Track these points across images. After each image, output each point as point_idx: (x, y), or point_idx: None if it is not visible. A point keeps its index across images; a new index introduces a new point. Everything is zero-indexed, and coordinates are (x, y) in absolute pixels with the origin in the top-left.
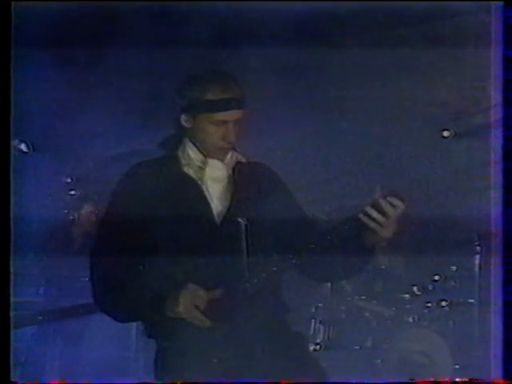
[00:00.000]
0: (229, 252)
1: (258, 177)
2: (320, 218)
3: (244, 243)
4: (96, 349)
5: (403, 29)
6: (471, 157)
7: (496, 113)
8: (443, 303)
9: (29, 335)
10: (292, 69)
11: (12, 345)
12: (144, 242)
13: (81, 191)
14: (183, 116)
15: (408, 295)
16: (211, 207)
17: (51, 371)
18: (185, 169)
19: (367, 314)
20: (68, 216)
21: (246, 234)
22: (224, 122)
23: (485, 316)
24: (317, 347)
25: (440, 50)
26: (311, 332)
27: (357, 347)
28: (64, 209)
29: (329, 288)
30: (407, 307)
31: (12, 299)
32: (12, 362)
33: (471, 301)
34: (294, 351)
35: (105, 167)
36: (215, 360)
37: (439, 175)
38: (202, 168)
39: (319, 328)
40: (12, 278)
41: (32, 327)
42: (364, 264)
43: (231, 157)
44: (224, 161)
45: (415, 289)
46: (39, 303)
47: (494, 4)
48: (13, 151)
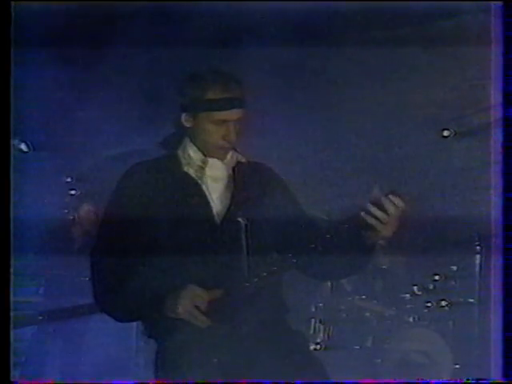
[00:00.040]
0: (229, 252)
1: (258, 176)
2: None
3: (244, 243)
4: (96, 349)
5: (403, 29)
6: (471, 157)
7: (496, 113)
8: (443, 303)
9: (29, 335)
10: (292, 69)
11: (12, 345)
12: (144, 242)
13: (81, 191)
14: (184, 115)
15: (408, 295)
16: (211, 207)
17: (51, 371)
18: (185, 168)
19: (367, 314)
20: (68, 216)
21: (246, 234)
22: (224, 122)
23: (485, 316)
24: (317, 347)
25: (440, 50)
26: (311, 331)
27: (357, 347)
28: (64, 208)
29: (329, 288)
30: (407, 307)
31: (12, 299)
32: (12, 362)
33: (471, 301)
34: (294, 351)
35: (105, 167)
36: (215, 360)
37: (439, 175)
38: (202, 167)
39: (319, 328)
40: (12, 278)
41: (32, 327)
42: (364, 263)
43: (231, 156)
44: (224, 160)
45: (415, 289)
46: (39, 303)
47: (494, 4)
48: (13, 151)
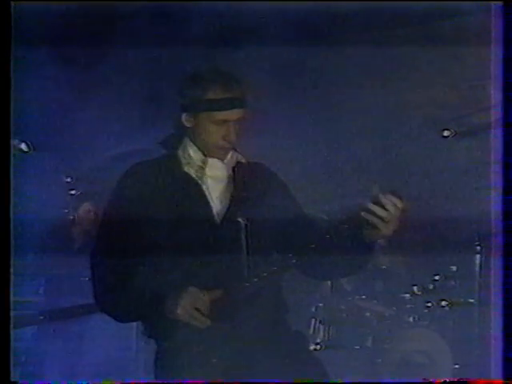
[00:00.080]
0: (228, 252)
1: (258, 177)
2: (320, 218)
3: (244, 243)
4: (96, 349)
5: (403, 29)
6: (471, 157)
7: (496, 113)
8: (443, 303)
9: (29, 335)
10: (292, 68)
11: (12, 345)
12: (144, 242)
13: (81, 191)
14: (184, 115)
15: (408, 295)
16: (211, 206)
17: (51, 371)
18: (185, 168)
19: (367, 314)
20: (68, 215)
21: (246, 234)
22: (225, 122)
23: (485, 316)
24: (317, 347)
25: (440, 50)
26: (311, 332)
27: (357, 347)
28: (64, 208)
29: (329, 288)
30: (407, 307)
31: (12, 299)
32: (12, 362)
33: (471, 301)
34: (294, 351)
35: (105, 167)
36: (215, 360)
37: (439, 175)
38: (203, 167)
39: (319, 328)
40: (12, 278)
41: (32, 327)
42: (363, 263)
43: (231, 156)
44: (224, 160)
45: (415, 289)
46: (39, 303)
47: (494, 4)
48: (13, 151)
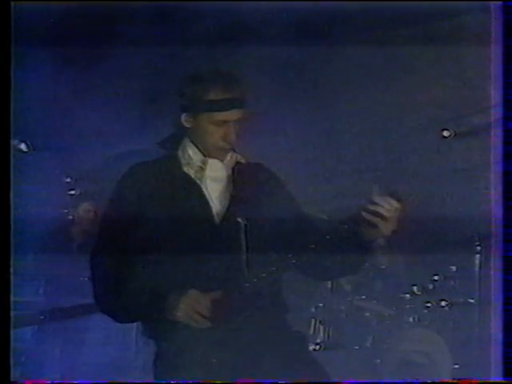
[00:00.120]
0: (228, 252)
1: (257, 177)
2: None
3: (243, 243)
4: (96, 349)
5: (403, 29)
6: (471, 157)
7: (496, 113)
8: (443, 303)
9: (29, 335)
10: (292, 69)
11: (12, 345)
12: (144, 242)
13: (80, 191)
14: (184, 115)
15: (408, 295)
16: (211, 207)
17: (51, 371)
18: (185, 168)
19: (367, 314)
20: (68, 215)
21: (246, 234)
22: (225, 122)
23: (485, 316)
24: (317, 347)
25: (440, 50)
26: (311, 332)
27: (357, 347)
28: (64, 208)
29: (329, 288)
30: (407, 307)
31: (12, 299)
32: (12, 362)
33: (471, 301)
34: (294, 351)
35: (105, 167)
36: (214, 360)
37: (439, 175)
38: (202, 168)
39: (319, 328)
40: (12, 278)
41: (32, 327)
42: (362, 262)
43: (231, 157)
44: (224, 161)
45: (415, 289)
46: (39, 303)
47: (494, 4)
48: (12, 151)
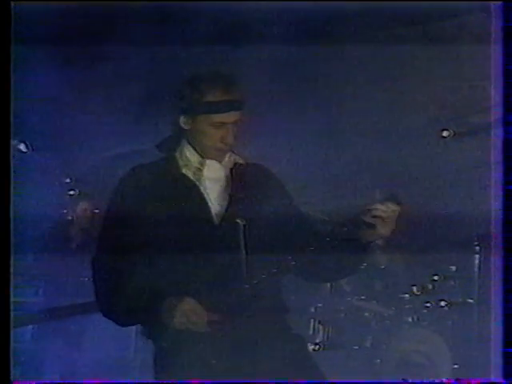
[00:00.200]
0: (227, 252)
1: (256, 178)
2: (319, 218)
3: (242, 243)
4: (95, 348)
5: (403, 29)
6: (471, 157)
7: (496, 113)
8: (442, 303)
9: (28, 335)
10: (292, 68)
11: (12, 345)
12: (143, 244)
13: (80, 191)
14: (182, 117)
15: (407, 295)
16: (209, 207)
17: (51, 370)
18: (183, 170)
19: (366, 314)
20: (67, 216)
21: (244, 235)
22: (223, 124)
23: (484, 316)
24: (316, 347)
25: (440, 50)
26: (310, 332)
27: (356, 347)
28: (63, 209)
29: (328, 288)
30: (406, 307)
31: (12, 299)
32: (12, 362)
33: (470, 301)
34: (294, 352)
35: (104, 167)
36: (214, 361)
37: (438, 175)
38: (200, 169)
39: (318, 328)
40: (12, 278)
41: (32, 327)
42: (359, 263)
43: (229, 158)
44: (222, 162)
45: (415, 289)
46: (39, 303)
47: (494, 4)
48: (12, 151)
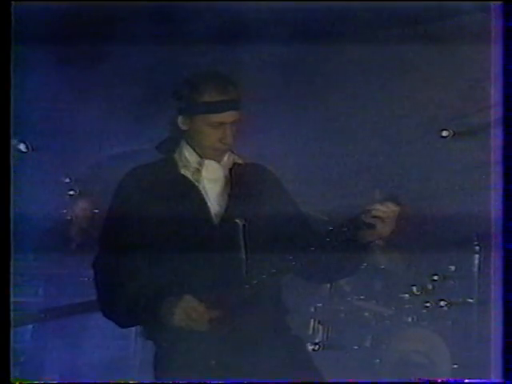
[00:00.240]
0: (227, 252)
1: (255, 177)
2: (319, 218)
3: (242, 243)
4: (95, 348)
5: (403, 28)
6: (470, 157)
7: (496, 113)
8: (442, 303)
9: (28, 335)
10: (290, 69)
11: (12, 344)
12: (143, 245)
13: (80, 191)
14: (180, 118)
15: (407, 295)
16: (209, 208)
17: (51, 370)
18: (182, 171)
19: (366, 314)
20: (67, 216)
21: (244, 235)
22: (221, 124)
23: (484, 316)
24: (316, 347)
25: (439, 50)
26: (310, 332)
27: (356, 347)
28: (63, 209)
29: (328, 288)
30: (406, 307)
31: (12, 299)
32: (12, 362)
33: (470, 300)
34: (294, 352)
35: (103, 167)
36: (214, 361)
37: (438, 175)
38: (199, 169)
39: (318, 328)
40: (12, 278)
41: (31, 327)
42: (359, 263)
43: (228, 158)
44: (221, 162)
45: (414, 289)
46: (38, 303)
47: (494, 4)
48: (12, 151)
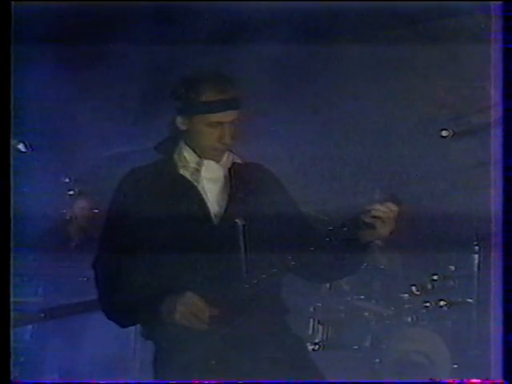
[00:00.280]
0: (227, 252)
1: (255, 177)
2: (319, 218)
3: (242, 243)
4: (95, 348)
5: (403, 28)
6: (470, 156)
7: (495, 112)
8: (442, 303)
9: (28, 335)
10: (292, 68)
11: (12, 344)
12: (143, 245)
13: (79, 191)
14: (179, 118)
15: (407, 295)
16: (208, 208)
17: (50, 370)
18: (181, 171)
19: (366, 314)
20: (66, 215)
21: (244, 234)
22: (220, 124)
23: (483, 316)
24: (315, 347)
25: (439, 50)
26: (310, 332)
27: (355, 347)
28: (63, 208)
29: (327, 288)
30: (406, 307)
31: (12, 299)
32: (12, 362)
33: (470, 300)
34: (293, 353)
35: (103, 167)
36: (214, 361)
37: (438, 175)
38: (198, 169)
39: (318, 328)
40: (12, 278)
41: (31, 326)
42: (359, 263)
43: (227, 158)
44: (220, 162)
45: (414, 288)
46: (38, 302)
47: (494, 4)
48: (12, 151)
